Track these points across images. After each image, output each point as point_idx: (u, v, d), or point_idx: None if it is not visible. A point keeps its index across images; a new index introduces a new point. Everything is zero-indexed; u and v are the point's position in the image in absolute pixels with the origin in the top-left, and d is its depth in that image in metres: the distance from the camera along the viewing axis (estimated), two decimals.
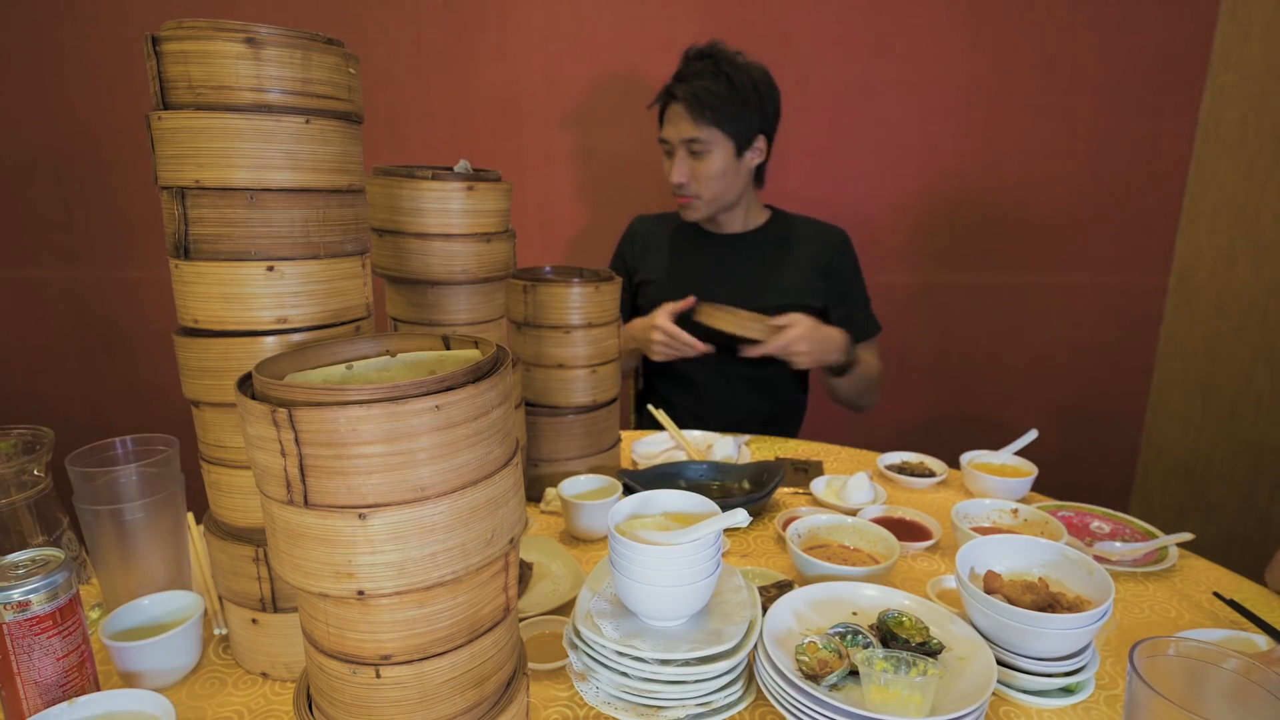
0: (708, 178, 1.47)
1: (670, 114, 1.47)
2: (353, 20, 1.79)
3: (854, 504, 1.05)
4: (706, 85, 1.41)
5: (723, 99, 1.42)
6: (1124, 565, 0.91)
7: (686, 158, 1.46)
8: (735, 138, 1.45)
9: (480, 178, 0.89)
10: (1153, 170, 1.80)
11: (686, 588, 0.66)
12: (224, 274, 0.62)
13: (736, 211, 1.58)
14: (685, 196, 1.50)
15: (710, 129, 1.43)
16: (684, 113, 1.42)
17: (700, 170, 1.46)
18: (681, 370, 1.58)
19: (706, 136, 1.43)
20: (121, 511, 0.76)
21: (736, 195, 1.53)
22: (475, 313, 0.93)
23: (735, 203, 1.55)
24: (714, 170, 1.46)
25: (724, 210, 1.55)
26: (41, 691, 0.61)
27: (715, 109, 1.41)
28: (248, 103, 0.59)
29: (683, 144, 1.45)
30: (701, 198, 1.50)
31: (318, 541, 0.45)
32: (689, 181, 1.48)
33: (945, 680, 0.63)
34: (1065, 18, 1.72)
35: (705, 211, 1.53)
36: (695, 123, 1.42)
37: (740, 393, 1.59)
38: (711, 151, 1.45)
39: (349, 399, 0.43)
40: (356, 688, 0.49)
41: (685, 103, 1.42)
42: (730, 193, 1.51)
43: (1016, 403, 1.98)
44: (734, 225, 1.60)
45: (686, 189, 1.49)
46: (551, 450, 1.10)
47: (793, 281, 1.56)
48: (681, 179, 1.47)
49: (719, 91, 1.41)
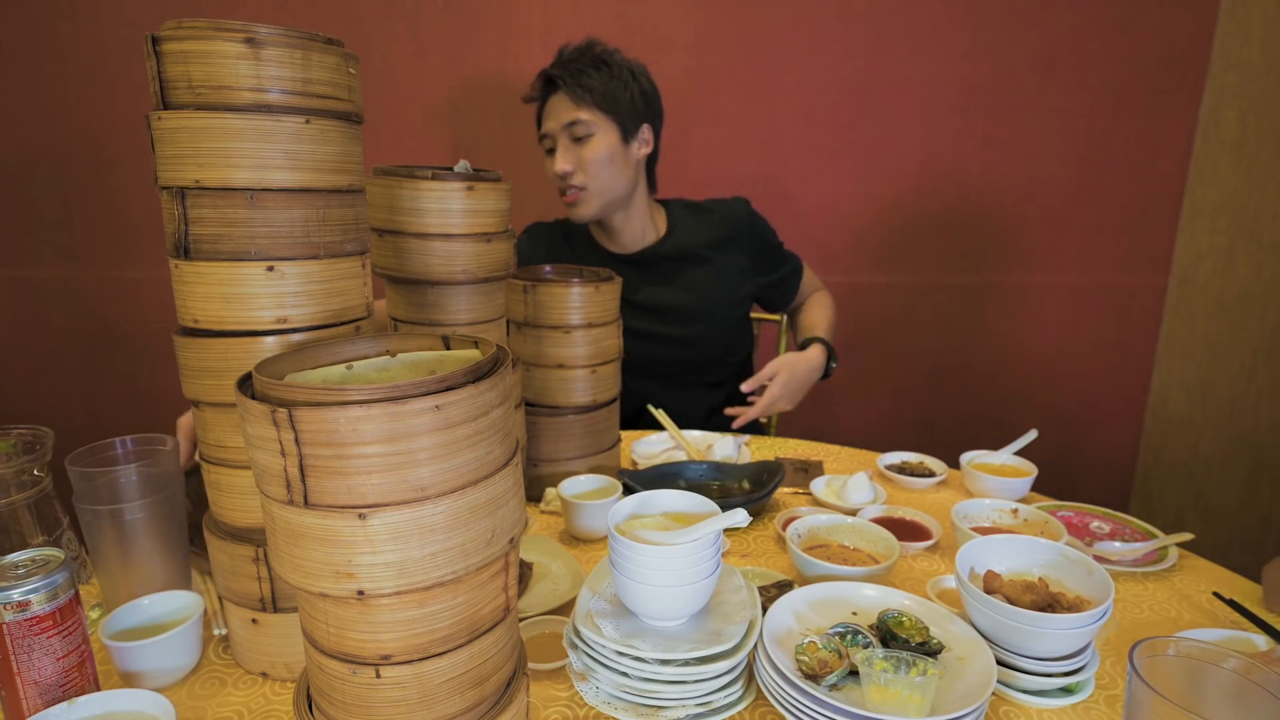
0: (594, 164, 1.39)
1: (549, 107, 1.41)
2: (353, 20, 1.79)
3: (854, 504, 1.05)
4: (584, 70, 1.38)
5: (602, 81, 1.38)
6: (1124, 565, 0.91)
7: (570, 145, 1.39)
8: (619, 122, 1.39)
9: (480, 178, 0.89)
10: (1153, 170, 1.80)
11: (686, 588, 0.66)
12: (224, 274, 0.62)
13: (633, 218, 1.50)
14: (572, 191, 1.42)
15: (592, 110, 1.37)
16: (564, 97, 1.38)
17: (585, 157, 1.39)
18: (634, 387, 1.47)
19: (589, 118, 1.37)
20: (121, 511, 0.76)
21: (626, 190, 1.45)
22: (475, 313, 0.93)
23: (626, 200, 1.47)
24: (599, 155, 1.39)
25: (615, 208, 1.47)
26: (41, 691, 0.61)
27: (594, 91, 1.37)
28: (248, 103, 0.59)
29: (564, 130, 1.38)
30: (589, 189, 1.41)
31: (318, 541, 0.45)
32: (574, 170, 1.39)
33: (945, 680, 0.63)
34: (1065, 18, 1.72)
35: (595, 207, 1.43)
36: (576, 104, 1.37)
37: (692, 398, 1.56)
38: (595, 134, 1.38)
39: (349, 399, 0.43)
40: (356, 688, 0.49)
41: (564, 86, 1.37)
42: (618, 185, 1.43)
43: (1016, 403, 1.98)
44: (634, 237, 1.52)
45: (572, 179, 1.40)
46: (551, 450, 1.10)
47: (718, 280, 1.53)
48: (566, 167, 1.39)
49: (598, 76, 1.38)
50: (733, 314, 1.58)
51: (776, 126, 1.84)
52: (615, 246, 1.54)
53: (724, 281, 1.54)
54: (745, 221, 1.56)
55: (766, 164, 1.86)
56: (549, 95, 1.41)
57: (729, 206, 1.58)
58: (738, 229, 1.55)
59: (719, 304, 1.54)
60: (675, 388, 1.54)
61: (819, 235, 1.89)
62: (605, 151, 1.40)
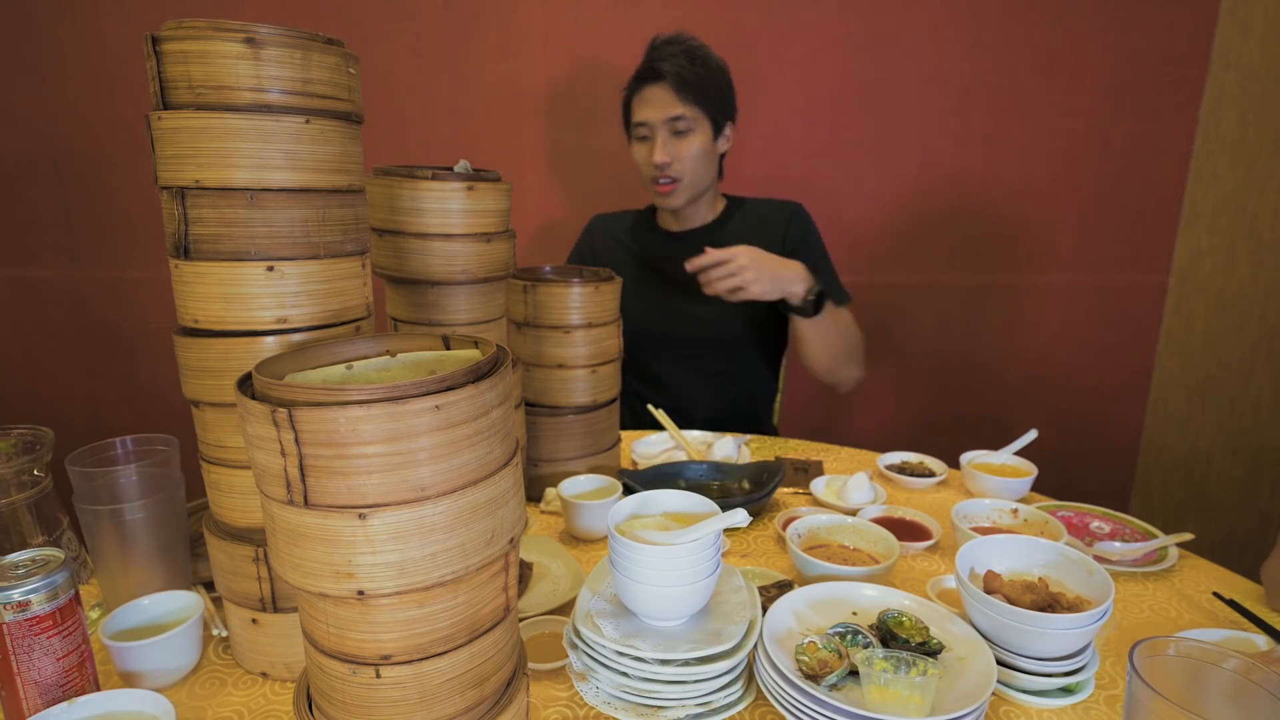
0: (690, 158, 1.44)
1: (648, 96, 1.43)
2: (353, 20, 1.79)
3: (854, 504, 1.05)
4: (686, 64, 1.40)
5: (702, 78, 1.41)
6: (1124, 565, 0.91)
7: (669, 138, 1.43)
8: (712, 118, 1.44)
9: (480, 178, 0.89)
10: (1153, 170, 1.80)
11: (686, 588, 0.66)
12: (224, 274, 0.62)
13: (701, 204, 1.56)
14: (667, 182, 1.46)
15: (693, 107, 1.41)
16: (668, 90, 1.40)
17: (683, 151, 1.43)
18: (654, 369, 1.57)
19: (691, 114, 1.41)
20: (121, 511, 0.76)
21: (711, 183, 1.52)
22: (475, 313, 0.93)
23: (705, 192, 1.53)
24: (696, 150, 1.44)
25: (697, 198, 1.53)
26: (41, 691, 0.61)
27: (697, 88, 1.40)
28: (248, 103, 0.59)
29: (666, 123, 1.42)
30: (683, 180, 1.46)
31: (318, 541, 0.45)
32: (673, 161, 1.44)
33: (945, 680, 0.63)
34: (1065, 18, 1.72)
35: (684, 197, 1.49)
36: (681, 99, 1.40)
37: (711, 387, 1.57)
38: (695, 130, 1.43)
39: (349, 399, 0.43)
40: (356, 688, 0.49)
41: (670, 80, 1.40)
42: (707, 178, 1.50)
43: (1016, 403, 1.98)
44: (694, 219, 1.58)
45: (670, 170, 1.44)
46: (551, 450, 1.10)
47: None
48: (666, 158, 1.43)
49: (699, 71, 1.41)
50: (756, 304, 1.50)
51: (776, 126, 1.84)
52: (675, 224, 1.60)
53: None
54: (789, 220, 1.57)
55: (766, 164, 1.86)
56: (646, 84, 1.43)
57: (780, 204, 1.60)
58: (780, 224, 1.56)
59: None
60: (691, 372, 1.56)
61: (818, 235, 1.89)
62: (701, 147, 1.45)
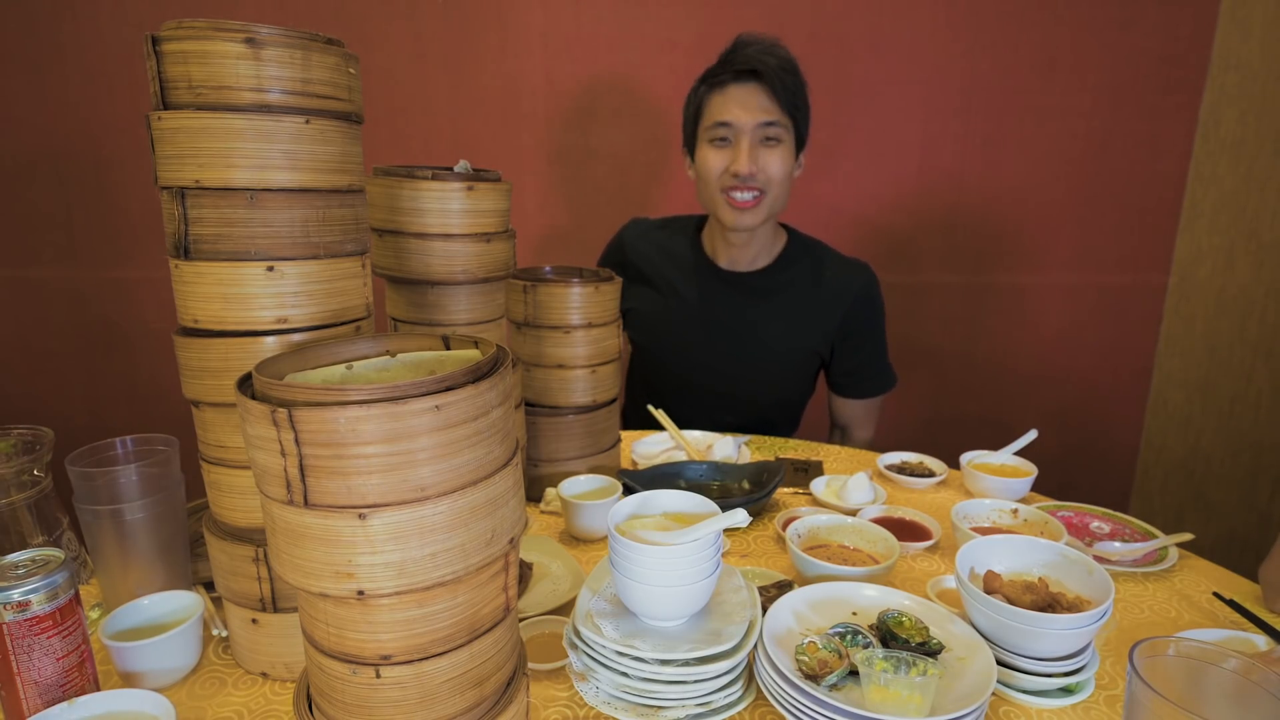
0: (779, 173, 1.22)
1: (737, 95, 1.21)
2: (353, 20, 1.79)
3: (854, 504, 1.05)
4: (782, 68, 1.19)
5: (798, 90, 1.20)
6: (1124, 565, 0.91)
7: (757, 145, 1.20)
8: (798, 134, 1.24)
9: (480, 178, 0.89)
10: (1152, 170, 1.80)
11: (686, 588, 0.66)
12: (224, 274, 0.62)
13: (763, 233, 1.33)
14: (749, 197, 1.22)
15: (786, 115, 1.20)
16: (764, 92, 1.19)
17: (769, 162, 1.21)
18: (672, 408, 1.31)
19: (784, 123, 1.20)
20: (121, 511, 0.76)
21: (782, 210, 1.31)
22: (475, 313, 0.93)
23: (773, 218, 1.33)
24: (783, 165, 1.22)
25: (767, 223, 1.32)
26: (41, 691, 0.61)
27: (793, 93, 1.19)
28: (248, 103, 0.59)
29: (757, 128, 1.19)
30: (768, 194, 1.23)
31: (318, 541, 0.45)
32: (759, 172, 1.21)
33: (945, 680, 0.63)
34: (1065, 18, 1.72)
35: (763, 216, 1.26)
36: (776, 104, 1.19)
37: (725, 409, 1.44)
38: (783, 143, 1.21)
39: (349, 399, 0.43)
40: (356, 688, 0.49)
41: (769, 80, 1.18)
42: (783, 202, 1.28)
43: (1016, 403, 1.98)
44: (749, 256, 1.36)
45: (755, 181, 1.21)
46: (551, 450, 1.10)
47: (805, 327, 1.38)
48: (753, 168, 1.19)
49: (797, 81, 1.21)
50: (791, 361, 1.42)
51: None
52: (725, 260, 1.38)
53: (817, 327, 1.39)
54: (860, 289, 1.39)
55: None
56: (736, 82, 1.22)
57: (853, 266, 1.40)
58: (848, 290, 1.38)
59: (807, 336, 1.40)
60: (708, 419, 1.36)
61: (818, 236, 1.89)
62: (788, 165, 1.25)
